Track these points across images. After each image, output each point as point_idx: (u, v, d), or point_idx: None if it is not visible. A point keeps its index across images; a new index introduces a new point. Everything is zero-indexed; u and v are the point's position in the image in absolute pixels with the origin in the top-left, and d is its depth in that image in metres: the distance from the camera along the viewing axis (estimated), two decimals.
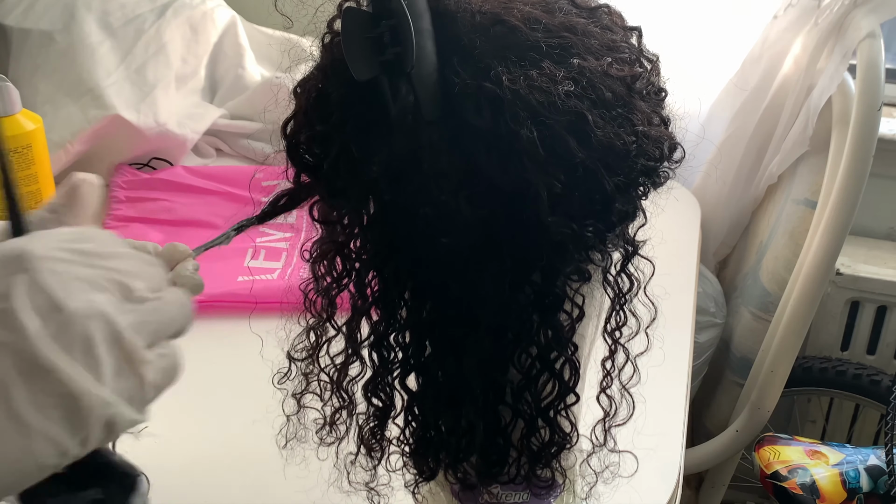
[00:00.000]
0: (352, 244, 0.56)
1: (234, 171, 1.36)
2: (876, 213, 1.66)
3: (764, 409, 1.38)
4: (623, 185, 0.53)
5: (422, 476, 0.61)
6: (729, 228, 1.53)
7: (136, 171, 1.34)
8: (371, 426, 0.61)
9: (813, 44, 1.33)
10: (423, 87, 0.49)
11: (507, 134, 0.49)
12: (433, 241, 0.51)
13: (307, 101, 0.55)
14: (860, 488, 1.31)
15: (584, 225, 0.52)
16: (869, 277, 1.58)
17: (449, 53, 0.50)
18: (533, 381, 0.56)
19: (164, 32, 1.40)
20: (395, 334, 0.57)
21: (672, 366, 1.00)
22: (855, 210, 1.27)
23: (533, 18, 0.52)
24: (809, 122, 1.36)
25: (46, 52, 1.34)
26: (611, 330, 0.60)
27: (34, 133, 1.08)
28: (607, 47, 0.54)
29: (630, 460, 0.66)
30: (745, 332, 1.47)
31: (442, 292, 0.54)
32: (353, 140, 0.52)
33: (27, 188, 1.09)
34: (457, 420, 0.57)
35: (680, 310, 1.11)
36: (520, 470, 0.59)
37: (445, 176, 0.50)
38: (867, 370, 1.55)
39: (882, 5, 1.27)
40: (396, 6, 0.48)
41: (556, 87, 0.50)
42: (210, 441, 0.89)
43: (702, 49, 1.47)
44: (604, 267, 0.57)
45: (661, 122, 0.56)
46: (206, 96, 1.50)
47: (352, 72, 0.50)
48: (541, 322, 0.54)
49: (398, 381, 0.58)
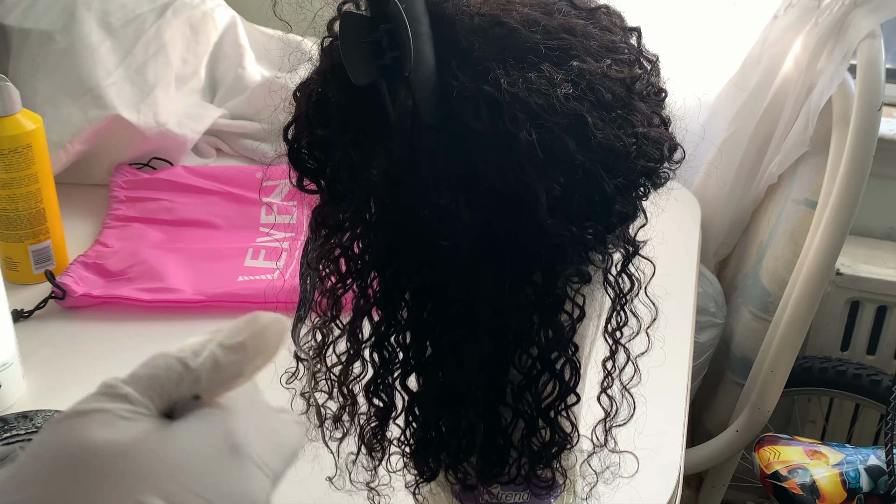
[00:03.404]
0: (354, 246, 0.56)
1: (234, 171, 1.36)
2: (876, 213, 1.66)
3: (764, 409, 1.39)
4: (623, 187, 0.53)
5: (422, 476, 0.61)
6: (729, 228, 1.53)
7: (136, 171, 1.34)
8: (372, 426, 0.61)
9: (813, 44, 1.33)
10: (422, 90, 0.49)
11: (506, 137, 0.49)
12: (433, 244, 0.51)
13: (307, 105, 0.55)
14: (860, 488, 1.31)
15: (583, 227, 0.52)
16: (869, 277, 1.58)
17: (447, 56, 0.51)
18: (533, 381, 0.56)
19: (164, 32, 1.40)
20: (396, 335, 0.57)
21: (672, 366, 1.00)
22: (855, 210, 1.27)
23: (532, 20, 0.52)
24: (810, 122, 1.36)
25: (46, 52, 1.34)
26: (611, 330, 0.60)
27: (34, 133, 1.08)
28: (606, 48, 0.54)
29: (630, 460, 0.66)
30: (745, 332, 1.47)
31: (442, 293, 0.54)
32: (353, 144, 0.52)
33: (27, 188, 1.09)
34: (457, 420, 0.57)
35: (680, 310, 1.11)
36: (520, 470, 0.59)
37: (445, 179, 0.50)
38: (867, 370, 1.55)
39: (882, 5, 1.27)
40: (394, 10, 0.48)
41: (556, 89, 0.50)
42: None
43: (702, 49, 1.47)
44: (604, 267, 0.57)
45: (661, 122, 0.56)
46: (206, 96, 1.50)
47: (350, 76, 0.50)
48: (541, 323, 0.54)
49: (399, 381, 0.58)
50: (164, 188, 1.31)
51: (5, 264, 1.13)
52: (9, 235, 1.11)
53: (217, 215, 1.28)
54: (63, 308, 1.08)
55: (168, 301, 1.08)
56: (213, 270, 1.15)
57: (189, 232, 1.25)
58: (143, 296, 1.08)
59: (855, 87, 1.28)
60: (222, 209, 1.29)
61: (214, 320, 1.07)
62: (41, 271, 1.11)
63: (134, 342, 1.04)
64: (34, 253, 1.12)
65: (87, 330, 1.05)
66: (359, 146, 0.52)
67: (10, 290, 1.01)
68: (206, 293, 1.09)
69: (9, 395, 0.91)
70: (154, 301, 1.08)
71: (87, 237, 1.23)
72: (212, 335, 0.40)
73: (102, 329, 1.05)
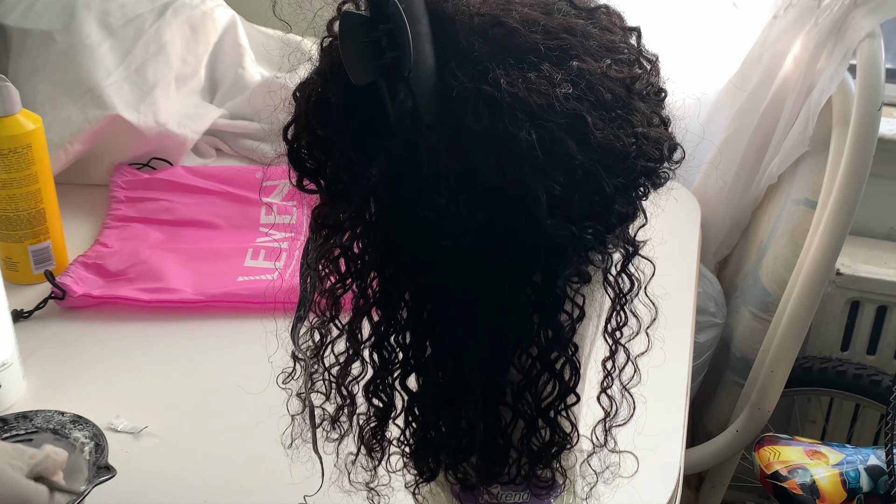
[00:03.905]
0: (354, 246, 0.56)
1: (234, 171, 1.36)
2: (876, 213, 1.66)
3: (764, 409, 1.39)
4: (623, 187, 0.53)
5: (422, 476, 0.61)
6: (729, 228, 1.53)
7: (136, 171, 1.34)
8: (371, 427, 0.61)
9: (813, 44, 1.33)
10: (422, 90, 0.49)
11: (505, 137, 0.49)
12: (433, 244, 0.51)
13: (307, 105, 0.55)
14: (860, 488, 1.31)
15: (583, 227, 0.52)
16: (869, 277, 1.58)
17: (447, 56, 0.51)
18: (533, 381, 0.56)
19: (164, 32, 1.40)
20: (396, 335, 0.57)
21: (672, 366, 1.00)
22: (855, 210, 1.27)
23: (531, 20, 0.52)
24: (809, 122, 1.36)
25: (46, 52, 1.34)
26: (611, 330, 0.60)
27: (34, 133, 1.08)
28: (606, 48, 0.54)
29: (630, 460, 0.66)
30: (745, 332, 1.47)
31: (442, 293, 0.54)
32: (353, 144, 0.52)
33: (27, 188, 1.09)
34: (457, 420, 0.57)
35: (680, 310, 1.11)
36: (520, 470, 0.59)
37: (444, 179, 0.50)
38: (867, 370, 1.55)
39: (882, 5, 1.27)
40: (394, 10, 0.48)
41: (555, 89, 0.50)
42: (210, 440, 0.89)
43: (702, 49, 1.47)
44: (604, 267, 0.57)
45: (660, 122, 0.56)
46: (206, 96, 1.50)
47: (350, 76, 0.50)
48: (541, 323, 0.54)
49: (398, 381, 0.58)
50: (164, 188, 1.32)
51: (5, 264, 1.13)
52: (9, 235, 1.11)
53: (217, 215, 1.28)
54: (63, 308, 1.08)
55: (168, 301, 1.08)
56: (213, 270, 1.15)
57: (189, 232, 1.25)
58: (142, 296, 1.08)
59: (855, 87, 1.28)
60: (222, 209, 1.29)
61: (214, 320, 1.07)
62: (41, 271, 1.11)
63: (134, 342, 1.04)
64: (34, 253, 1.12)
65: (87, 330, 1.05)
66: (358, 146, 0.52)
67: (10, 290, 1.01)
68: (205, 293, 1.09)
69: (9, 395, 0.92)
70: (154, 301, 1.08)
71: (87, 237, 1.23)
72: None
73: (102, 329, 1.05)
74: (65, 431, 0.82)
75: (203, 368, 1.00)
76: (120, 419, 0.90)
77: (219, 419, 0.92)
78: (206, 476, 0.85)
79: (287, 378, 0.66)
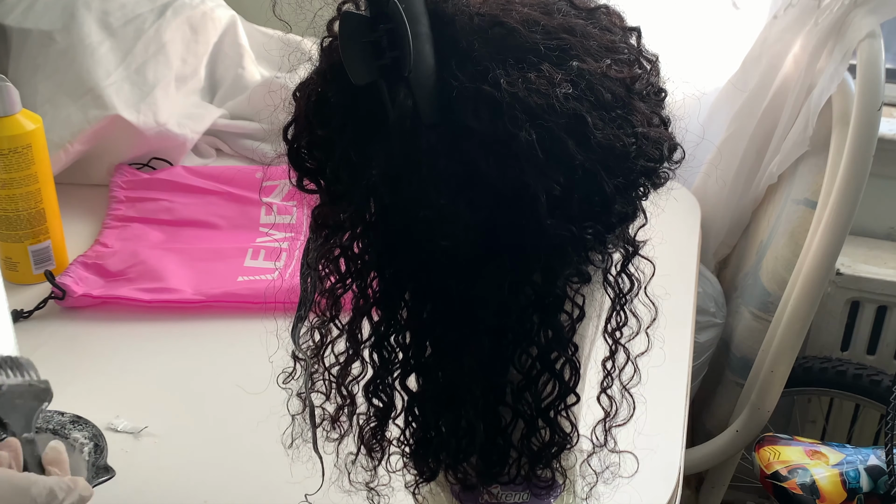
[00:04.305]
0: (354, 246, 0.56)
1: (234, 171, 1.36)
2: (876, 213, 1.66)
3: (764, 409, 1.39)
4: (623, 187, 0.53)
5: (422, 476, 0.61)
6: (729, 228, 1.53)
7: (135, 171, 1.34)
8: (371, 426, 0.61)
9: (813, 44, 1.33)
10: (422, 90, 0.49)
11: (505, 137, 0.49)
12: (433, 244, 0.51)
13: (307, 106, 0.55)
14: (860, 488, 1.31)
15: (583, 227, 0.52)
16: (869, 277, 1.58)
17: (447, 56, 0.51)
18: (533, 381, 0.56)
19: (164, 32, 1.40)
20: (396, 335, 0.57)
21: (672, 366, 1.00)
22: (855, 210, 1.27)
23: (531, 20, 0.52)
24: (809, 122, 1.36)
25: (46, 52, 1.34)
26: (611, 330, 0.60)
27: (34, 133, 1.08)
28: (606, 48, 0.54)
29: (630, 460, 0.66)
30: (745, 332, 1.47)
31: (442, 293, 0.54)
32: (353, 144, 0.52)
33: (27, 188, 1.09)
34: (457, 420, 0.57)
35: (680, 310, 1.11)
36: (520, 470, 0.59)
37: (444, 179, 0.50)
38: (867, 370, 1.55)
39: (882, 5, 1.27)
40: (394, 10, 0.48)
41: (555, 89, 0.50)
42: (210, 440, 0.89)
43: (702, 49, 1.47)
44: (604, 267, 0.57)
45: (660, 122, 0.56)
46: (206, 96, 1.50)
47: (350, 76, 0.50)
48: (541, 323, 0.54)
49: (398, 381, 0.59)
50: (164, 188, 1.31)
51: (5, 264, 1.13)
52: (9, 235, 1.11)
53: (217, 215, 1.28)
54: (63, 308, 1.08)
55: (168, 301, 1.08)
56: (213, 270, 1.15)
57: (189, 232, 1.25)
58: (142, 296, 1.08)
59: (855, 87, 1.28)
60: (222, 209, 1.29)
61: (214, 320, 1.07)
62: (41, 271, 1.11)
63: (134, 342, 1.04)
64: (34, 253, 1.12)
65: (87, 330, 1.05)
66: (358, 146, 0.52)
67: (10, 290, 1.01)
68: (205, 293, 1.09)
69: None
70: (154, 301, 1.08)
71: (86, 237, 1.23)
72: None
73: (102, 329, 1.05)
74: (64, 432, 0.82)
75: (203, 368, 1.00)
76: (120, 419, 0.90)
77: (219, 419, 0.92)
78: (206, 476, 0.85)
79: (287, 378, 0.66)
